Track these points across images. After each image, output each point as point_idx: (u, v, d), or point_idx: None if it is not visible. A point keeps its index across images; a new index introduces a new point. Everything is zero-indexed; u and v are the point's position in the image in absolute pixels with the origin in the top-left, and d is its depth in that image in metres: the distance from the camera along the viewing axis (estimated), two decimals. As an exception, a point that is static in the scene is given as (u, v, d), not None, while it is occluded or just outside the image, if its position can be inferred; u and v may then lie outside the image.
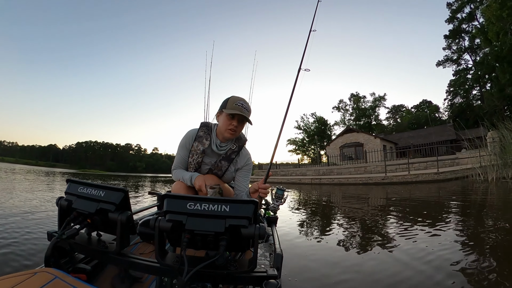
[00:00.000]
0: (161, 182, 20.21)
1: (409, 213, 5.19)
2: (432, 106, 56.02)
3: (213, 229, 1.01)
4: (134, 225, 1.26)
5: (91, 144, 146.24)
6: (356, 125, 52.79)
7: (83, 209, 1.21)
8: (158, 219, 1.04)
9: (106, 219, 1.19)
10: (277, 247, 1.51)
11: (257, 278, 1.07)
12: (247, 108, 1.73)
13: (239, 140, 1.88)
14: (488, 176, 10.08)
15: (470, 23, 40.83)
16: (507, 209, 5.09)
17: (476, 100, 43.62)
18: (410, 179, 12.86)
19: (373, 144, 28.42)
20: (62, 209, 1.26)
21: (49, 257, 1.17)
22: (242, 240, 1.04)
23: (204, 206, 1.03)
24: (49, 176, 21.30)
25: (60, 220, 1.26)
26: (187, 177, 1.72)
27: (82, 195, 1.24)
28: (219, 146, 1.80)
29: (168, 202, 1.06)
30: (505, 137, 10.57)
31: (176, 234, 1.03)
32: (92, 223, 1.23)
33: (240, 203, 1.06)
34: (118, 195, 1.20)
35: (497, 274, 2.10)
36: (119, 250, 1.19)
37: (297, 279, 2.13)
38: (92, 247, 1.25)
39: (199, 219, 1.02)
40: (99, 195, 1.21)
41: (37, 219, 4.19)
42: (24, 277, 0.95)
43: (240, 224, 1.01)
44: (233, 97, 1.75)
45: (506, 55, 27.90)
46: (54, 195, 7.58)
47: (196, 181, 1.66)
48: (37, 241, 3.00)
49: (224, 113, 1.72)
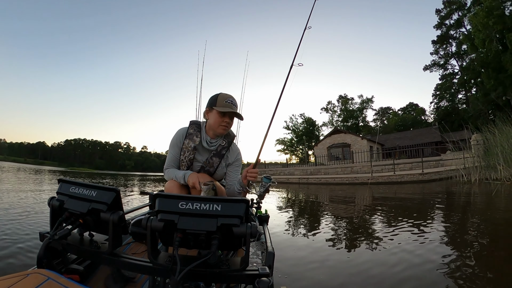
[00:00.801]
0: (150, 181, 20.09)
1: (391, 211, 5.31)
2: (418, 109, 57.32)
3: (205, 228, 1.01)
4: (126, 225, 1.25)
5: (80, 141, 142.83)
6: (344, 126, 53.66)
7: (75, 209, 1.19)
8: (150, 218, 1.04)
9: (98, 219, 1.17)
10: (269, 245, 1.53)
11: (250, 276, 1.07)
12: (235, 105, 1.80)
13: (228, 136, 1.92)
14: (471, 177, 10.38)
15: (457, 30, 41.96)
16: (488, 208, 5.27)
17: (461, 104, 44.97)
18: (395, 179, 13.05)
19: (360, 145, 28.89)
20: (54, 210, 1.24)
21: (42, 258, 1.16)
22: (234, 238, 1.04)
23: (196, 205, 1.03)
24: (38, 174, 20.95)
25: (52, 221, 1.25)
26: (180, 175, 1.73)
27: (73, 195, 1.23)
28: (209, 142, 1.84)
29: (160, 201, 1.05)
30: (488, 140, 10.87)
31: (168, 233, 1.03)
32: (84, 223, 1.22)
33: (232, 202, 1.06)
34: (110, 195, 1.19)
35: (472, 268, 2.21)
36: (112, 250, 1.18)
37: (287, 276, 2.22)
38: (85, 248, 1.24)
39: (191, 219, 1.02)
40: (91, 195, 1.20)
41: (30, 220, 4.17)
42: (17, 279, 0.93)
43: (232, 223, 1.02)
44: (222, 94, 1.80)
45: (491, 61, 28.87)
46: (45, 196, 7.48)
47: (189, 178, 1.68)
48: (29, 242, 3.00)
49: (215, 110, 1.75)
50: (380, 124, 58.10)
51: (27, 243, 2.93)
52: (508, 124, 10.21)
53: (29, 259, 2.49)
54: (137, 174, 50.16)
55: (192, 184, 1.65)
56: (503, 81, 27.56)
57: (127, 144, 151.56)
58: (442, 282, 2.04)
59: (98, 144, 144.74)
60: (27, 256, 2.58)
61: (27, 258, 2.51)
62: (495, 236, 3.31)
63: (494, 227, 3.73)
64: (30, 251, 2.69)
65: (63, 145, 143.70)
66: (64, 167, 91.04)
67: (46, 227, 1.30)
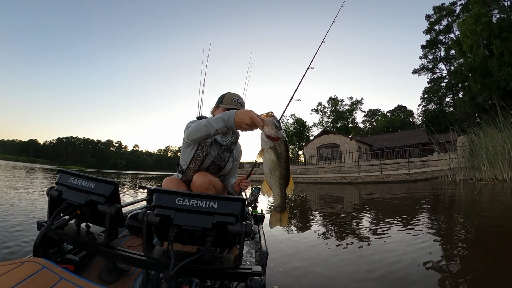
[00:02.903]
0: (142, 179, 19.83)
1: (376, 208, 5.45)
2: (407, 111, 58.34)
3: (200, 225, 1.01)
4: (123, 218, 1.25)
5: (72, 140, 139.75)
6: (333, 127, 54.20)
7: (73, 200, 1.20)
8: (146, 213, 1.04)
9: (96, 211, 1.18)
10: (263, 244, 1.56)
11: (242, 275, 1.08)
12: (242, 103, 1.85)
13: (235, 132, 1.97)
14: (456, 178, 10.60)
15: (446, 35, 43.00)
16: (471, 207, 5.43)
17: (448, 107, 46.08)
18: (382, 179, 13.20)
19: (349, 146, 29.23)
20: (52, 199, 1.25)
21: (38, 247, 1.17)
22: (229, 236, 1.05)
23: (192, 202, 1.04)
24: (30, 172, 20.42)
25: (50, 210, 1.26)
26: (218, 118, 1.35)
27: (72, 186, 1.23)
28: (223, 137, 1.88)
29: (157, 196, 1.06)
30: (474, 141, 11.12)
31: (164, 228, 1.04)
32: (81, 214, 1.23)
33: (228, 201, 1.06)
34: (108, 188, 1.19)
35: (453, 263, 2.29)
36: (107, 242, 1.19)
37: (281, 269, 2.27)
38: (81, 238, 1.25)
39: (187, 215, 1.02)
40: (90, 186, 1.20)
41: (27, 209, 4.23)
42: (12, 266, 0.94)
43: (227, 221, 1.02)
44: (229, 93, 1.87)
45: (478, 66, 29.62)
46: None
47: (240, 113, 1.27)
48: (25, 231, 3.02)
49: (221, 108, 1.80)
50: (369, 126, 58.86)
51: (23, 232, 2.96)
52: (493, 126, 10.47)
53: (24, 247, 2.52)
54: (128, 173, 49.51)
55: (249, 120, 1.22)
56: (489, 85, 28.36)
57: (119, 142, 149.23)
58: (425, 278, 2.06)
59: (90, 142, 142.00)
60: (22, 245, 2.61)
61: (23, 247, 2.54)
62: (477, 234, 3.40)
63: (477, 225, 3.83)
64: (27, 240, 2.73)
65: (55, 143, 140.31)
66: (56, 165, 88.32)
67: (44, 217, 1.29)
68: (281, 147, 1.14)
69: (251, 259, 1.60)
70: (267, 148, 1.15)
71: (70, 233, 1.26)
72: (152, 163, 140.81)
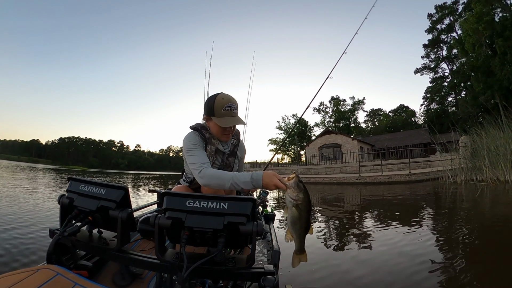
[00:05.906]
0: (145, 179, 19.93)
1: (373, 208, 5.52)
2: (409, 111, 57.95)
3: (212, 226, 1.01)
4: (134, 222, 1.26)
5: (74, 140, 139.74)
6: (335, 127, 53.99)
7: (85, 207, 1.21)
8: (158, 216, 1.05)
9: (107, 216, 1.19)
10: (275, 243, 1.57)
11: (255, 274, 1.08)
12: (236, 109, 1.63)
13: (235, 134, 1.88)
14: (457, 178, 10.52)
15: (449, 34, 42.68)
16: (472, 208, 5.41)
17: (451, 106, 45.69)
18: (383, 180, 13.13)
19: (351, 146, 29.15)
20: (63, 207, 1.26)
21: (51, 254, 1.18)
22: (240, 237, 1.05)
23: (203, 203, 1.04)
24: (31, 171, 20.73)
25: (62, 218, 1.27)
26: (245, 177, 1.34)
27: (83, 193, 1.25)
28: (224, 145, 1.79)
29: (168, 199, 1.07)
30: (475, 142, 10.99)
31: (176, 231, 1.04)
32: (93, 220, 1.25)
33: (239, 201, 1.07)
34: (119, 193, 1.21)
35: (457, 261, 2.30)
36: (120, 247, 1.20)
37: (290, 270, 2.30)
38: (94, 244, 1.27)
39: (198, 216, 1.03)
40: (100, 192, 1.21)
41: (38, 217, 4.24)
42: (27, 274, 0.95)
43: (239, 221, 1.02)
44: (219, 99, 1.59)
45: (480, 65, 29.52)
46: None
47: (266, 178, 1.30)
48: (39, 238, 3.08)
49: (214, 122, 1.60)
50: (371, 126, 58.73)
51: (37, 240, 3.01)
52: (495, 126, 10.35)
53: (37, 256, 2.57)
54: (130, 173, 49.85)
55: (274, 185, 1.27)
56: (492, 85, 28.22)
57: (120, 142, 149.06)
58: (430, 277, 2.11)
59: (92, 142, 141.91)
60: (35, 253, 2.65)
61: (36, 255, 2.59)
62: (478, 237, 3.41)
63: (478, 228, 3.85)
64: (40, 248, 2.77)
65: (57, 143, 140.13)
66: (58, 165, 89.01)
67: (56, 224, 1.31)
68: (302, 205, 1.18)
69: (263, 258, 1.58)
70: (290, 206, 1.19)
71: (82, 239, 1.28)
72: (154, 163, 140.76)
